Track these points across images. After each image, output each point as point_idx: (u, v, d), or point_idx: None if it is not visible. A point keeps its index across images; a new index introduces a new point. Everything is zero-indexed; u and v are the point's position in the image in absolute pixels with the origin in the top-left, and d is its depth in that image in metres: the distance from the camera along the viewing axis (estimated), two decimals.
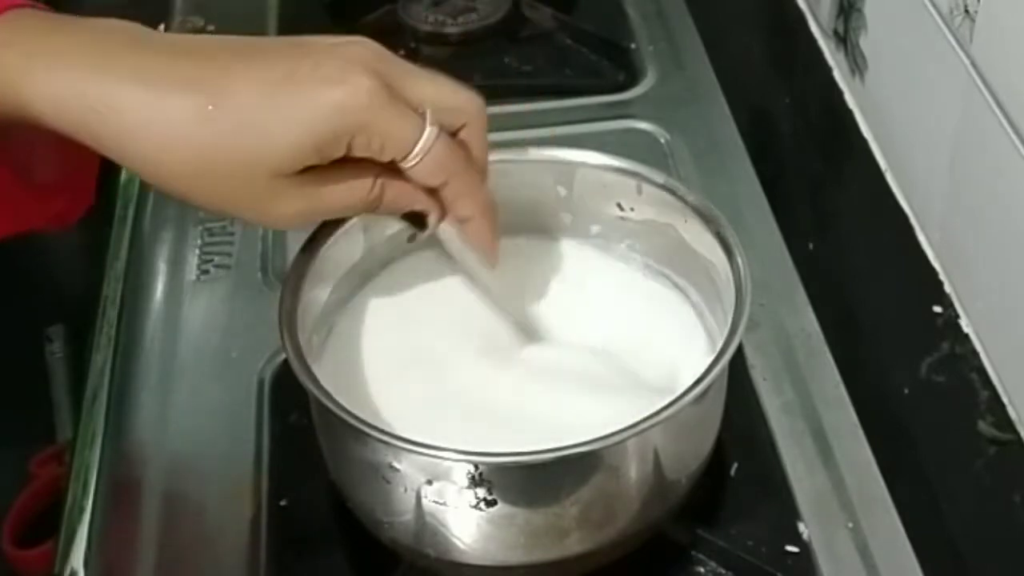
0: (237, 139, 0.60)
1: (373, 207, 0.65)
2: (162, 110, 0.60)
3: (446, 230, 0.69)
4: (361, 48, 0.63)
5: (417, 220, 0.68)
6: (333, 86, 0.60)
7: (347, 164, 0.63)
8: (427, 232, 0.69)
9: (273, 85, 0.60)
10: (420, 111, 0.63)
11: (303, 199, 0.62)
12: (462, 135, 0.66)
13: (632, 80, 1.08)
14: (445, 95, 0.65)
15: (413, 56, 1.10)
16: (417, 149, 0.63)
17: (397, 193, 0.65)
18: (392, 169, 0.64)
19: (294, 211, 0.63)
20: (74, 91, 0.60)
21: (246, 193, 0.62)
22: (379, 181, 0.64)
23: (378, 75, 0.61)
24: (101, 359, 0.87)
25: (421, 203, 0.66)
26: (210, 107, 0.60)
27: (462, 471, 0.64)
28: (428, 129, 0.63)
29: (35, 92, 0.60)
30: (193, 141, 0.60)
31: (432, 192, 0.66)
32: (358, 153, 0.62)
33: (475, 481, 0.64)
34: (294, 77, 0.60)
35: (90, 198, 0.73)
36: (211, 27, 1.11)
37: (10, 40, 0.61)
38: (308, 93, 0.60)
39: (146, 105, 0.60)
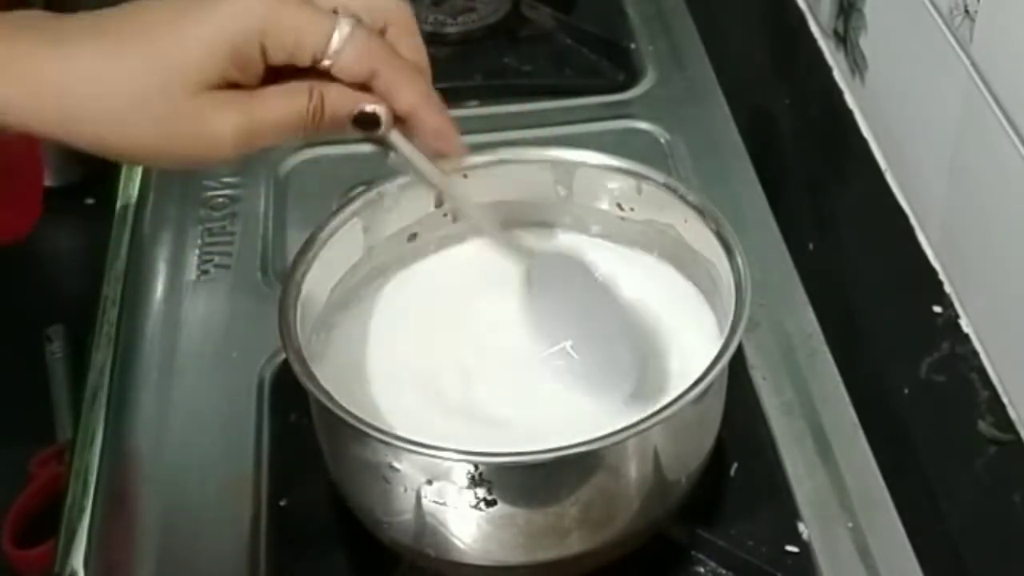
0: (149, 66, 0.59)
1: (316, 120, 0.63)
2: (73, 63, 0.59)
3: (398, 137, 0.66)
4: None
5: (370, 125, 0.64)
6: None
7: (280, 80, 0.62)
8: (382, 130, 0.65)
9: (179, 12, 0.60)
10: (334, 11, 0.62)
11: (238, 116, 0.61)
12: (388, 36, 0.64)
13: (632, 80, 1.08)
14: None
15: None
16: (332, 45, 0.61)
17: (337, 96, 0.62)
18: (326, 78, 0.62)
19: (231, 126, 0.61)
20: None
21: (177, 121, 0.60)
22: (316, 89, 0.62)
23: None
24: (101, 359, 0.87)
25: (364, 99, 0.63)
26: (123, 48, 0.59)
27: (462, 471, 0.64)
28: (341, 20, 0.61)
29: None
30: (111, 86, 0.59)
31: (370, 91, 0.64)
32: (275, 58, 0.61)
33: (475, 481, 0.64)
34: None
35: (37, 209, 0.72)
36: None
37: None
38: (209, 5, 0.60)
39: (58, 60, 0.59)
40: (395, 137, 0.65)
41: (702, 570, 0.73)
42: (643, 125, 1.03)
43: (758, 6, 1.10)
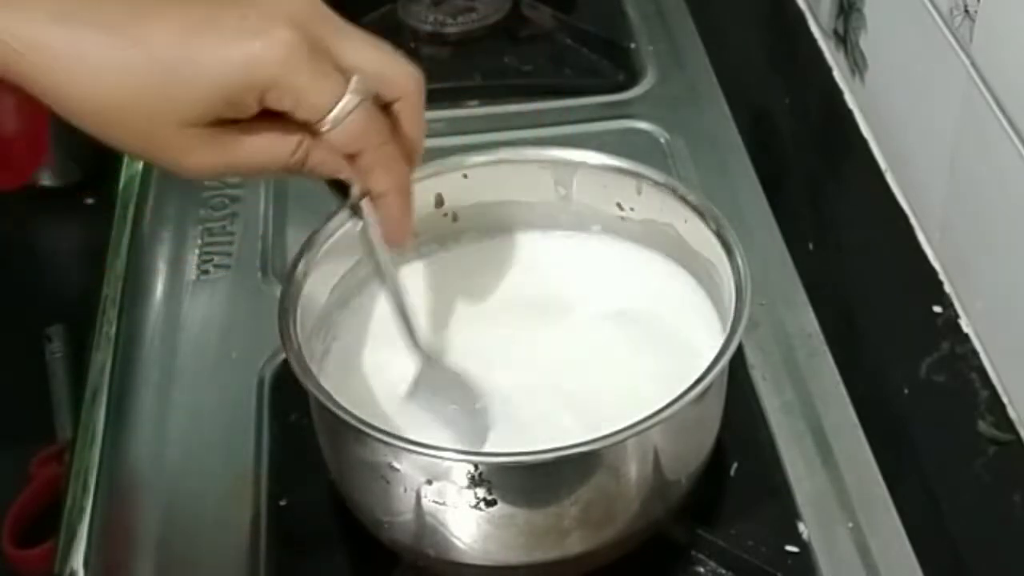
0: (148, 85, 0.58)
1: (295, 169, 0.62)
2: (79, 51, 0.58)
3: (366, 207, 0.66)
4: (297, 1, 0.60)
5: (342, 190, 0.65)
6: (250, 38, 0.58)
7: (273, 121, 0.61)
8: (348, 203, 0.66)
9: (191, 33, 0.58)
10: (347, 76, 0.60)
11: (217, 152, 0.60)
12: (395, 108, 0.63)
13: (632, 80, 1.08)
14: (381, 64, 0.63)
15: (413, 56, 1.10)
16: (332, 114, 0.60)
17: (321, 158, 0.62)
18: (315, 138, 0.62)
19: (207, 163, 0.61)
20: None
21: (157, 139, 0.60)
22: (304, 143, 0.61)
23: (306, 31, 0.59)
24: (101, 359, 0.87)
25: (345, 172, 0.63)
26: (124, 50, 0.58)
27: (462, 471, 0.64)
28: (347, 96, 0.60)
29: None
30: (107, 83, 0.58)
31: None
32: (272, 107, 0.60)
33: (475, 481, 0.64)
34: (214, 25, 0.59)
35: (45, 147, 0.72)
36: None
37: None
38: (223, 43, 0.58)
39: (65, 44, 0.58)
40: (364, 206, 0.66)
41: (702, 570, 0.73)
42: (643, 125, 1.03)
43: (758, 6, 1.10)
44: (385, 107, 0.63)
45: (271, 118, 0.60)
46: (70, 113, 0.60)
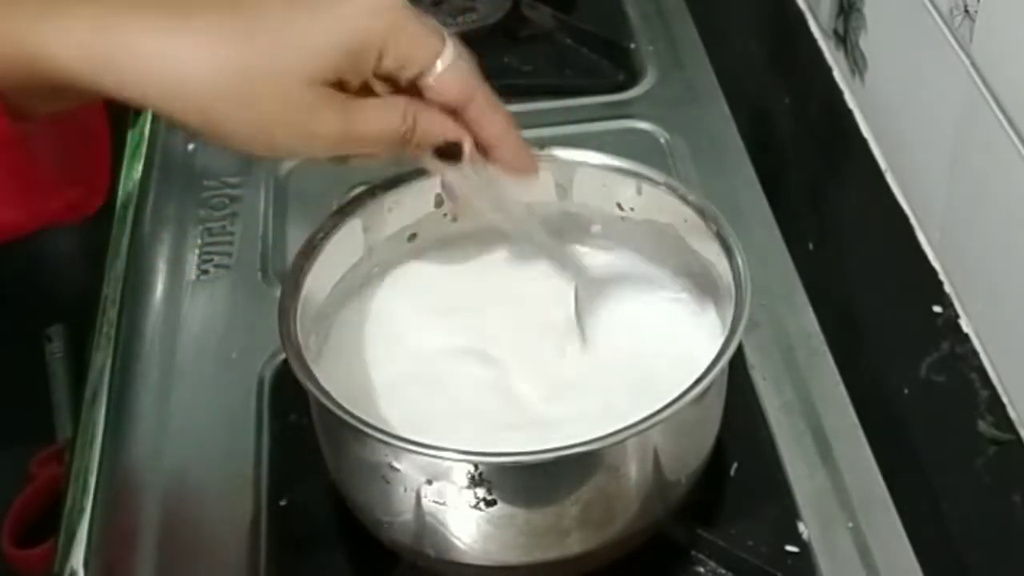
0: (274, 51, 0.60)
1: (407, 138, 0.65)
2: (191, 38, 0.60)
3: (458, 179, 0.69)
4: None
5: (450, 156, 0.67)
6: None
7: (371, 95, 0.64)
8: (463, 162, 0.68)
9: (296, 3, 0.61)
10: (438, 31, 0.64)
11: (340, 118, 0.62)
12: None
13: (632, 80, 1.08)
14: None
15: None
16: (439, 63, 0.64)
17: (429, 121, 0.65)
18: (420, 102, 0.65)
19: (333, 129, 0.62)
20: (96, 32, 0.59)
21: (284, 109, 0.61)
22: (411, 110, 0.64)
23: None
24: (101, 359, 0.87)
25: (452, 131, 0.66)
26: (244, 23, 0.60)
27: (462, 471, 0.64)
28: (449, 41, 0.64)
29: (55, 41, 0.59)
30: (229, 62, 0.60)
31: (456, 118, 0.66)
32: (386, 66, 0.62)
33: (475, 481, 0.64)
34: None
35: (105, 187, 0.72)
36: None
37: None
38: (335, 5, 0.61)
39: (172, 34, 0.60)
40: (472, 166, 0.68)
41: (702, 570, 0.73)
42: (643, 125, 1.03)
43: (758, 6, 1.10)
44: None
45: (370, 94, 0.63)
46: (184, 116, 0.61)
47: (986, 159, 0.71)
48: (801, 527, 0.75)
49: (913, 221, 0.82)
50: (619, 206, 0.78)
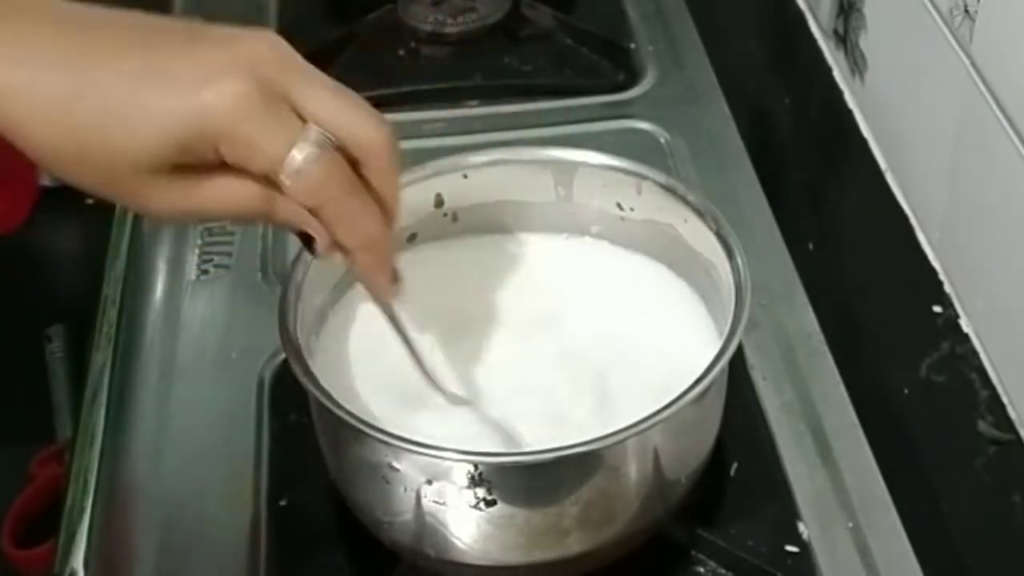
0: (101, 129, 0.57)
1: (263, 219, 0.60)
2: (35, 93, 0.57)
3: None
4: (259, 46, 0.58)
5: (308, 245, 0.62)
6: (201, 87, 0.56)
7: (239, 170, 0.58)
8: (313, 258, 0.64)
9: (145, 78, 0.57)
10: (306, 126, 0.58)
11: (178, 198, 0.59)
12: (362, 165, 0.60)
13: (632, 80, 1.08)
14: (345, 117, 0.59)
15: (413, 56, 1.10)
16: (291, 167, 0.57)
17: (287, 210, 0.60)
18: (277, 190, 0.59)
19: (168, 208, 0.59)
20: None
21: (116, 183, 0.58)
22: (268, 193, 0.59)
23: (264, 80, 0.57)
24: (101, 359, 0.87)
25: (312, 225, 0.61)
26: (78, 95, 0.57)
27: (462, 471, 0.64)
28: (304, 147, 0.57)
29: None
30: (63, 125, 0.57)
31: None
32: (229, 160, 0.58)
33: (475, 481, 0.64)
34: (167, 73, 0.57)
35: (32, 197, 0.71)
36: None
37: None
38: (174, 92, 0.57)
39: (24, 85, 0.57)
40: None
41: (702, 570, 0.73)
42: (643, 125, 1.03)
43: (758, 6, 1.10)
44: (356, 162, 0.60)
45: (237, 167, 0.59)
46: (33, 154, 0.58)
47: (986, 159, 0.71)
48: (801, 527, 0.75)
49: (913, 221, 0.82)
50: (619, 206, 0.78)
